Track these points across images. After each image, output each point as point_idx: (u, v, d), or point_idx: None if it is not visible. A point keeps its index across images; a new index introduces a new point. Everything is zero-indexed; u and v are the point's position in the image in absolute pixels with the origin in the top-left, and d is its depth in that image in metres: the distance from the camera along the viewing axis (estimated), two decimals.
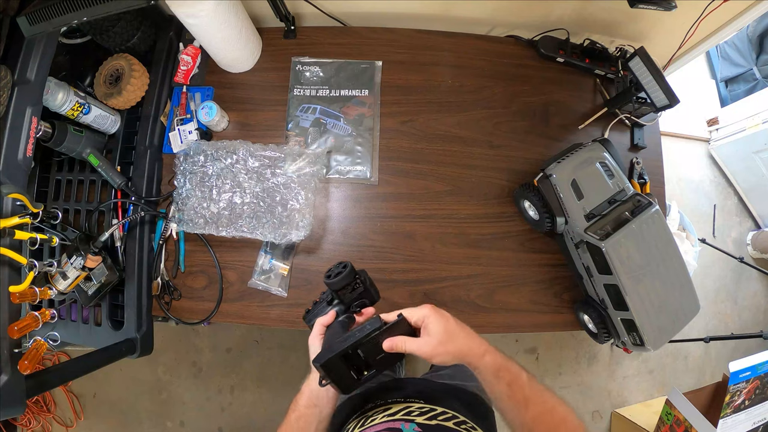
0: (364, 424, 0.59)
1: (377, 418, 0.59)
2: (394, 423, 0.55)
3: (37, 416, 1.76)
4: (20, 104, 0.71)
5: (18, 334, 0.67)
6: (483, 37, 1.09)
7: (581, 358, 1.84)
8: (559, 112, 1.05)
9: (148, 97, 0.98)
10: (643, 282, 0.81)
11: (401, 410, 0.60)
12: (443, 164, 1.00)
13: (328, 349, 0.50)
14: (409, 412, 0.59)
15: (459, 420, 0.58)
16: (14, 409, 0.64)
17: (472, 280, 0.96)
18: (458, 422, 0.57)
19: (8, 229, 0.67)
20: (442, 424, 0.55)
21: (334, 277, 0.58)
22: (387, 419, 0.58)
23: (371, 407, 0.66)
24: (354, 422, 0.63)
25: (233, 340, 1.80)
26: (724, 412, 1.24)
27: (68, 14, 0.65)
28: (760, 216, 2.06)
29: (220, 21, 0.87)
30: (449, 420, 0.57)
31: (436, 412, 0.59)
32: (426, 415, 0.58)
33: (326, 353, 0.49)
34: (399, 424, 0.55)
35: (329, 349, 0.50)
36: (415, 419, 0.56)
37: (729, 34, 1.07)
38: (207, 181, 0.92)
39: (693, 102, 2.07)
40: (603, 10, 1.05)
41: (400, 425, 0.54)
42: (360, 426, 0.59)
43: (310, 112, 1.01)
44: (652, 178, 1.04)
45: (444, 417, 0.58)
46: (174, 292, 0.95)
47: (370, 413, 0.63)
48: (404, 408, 0.61)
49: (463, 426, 0.56)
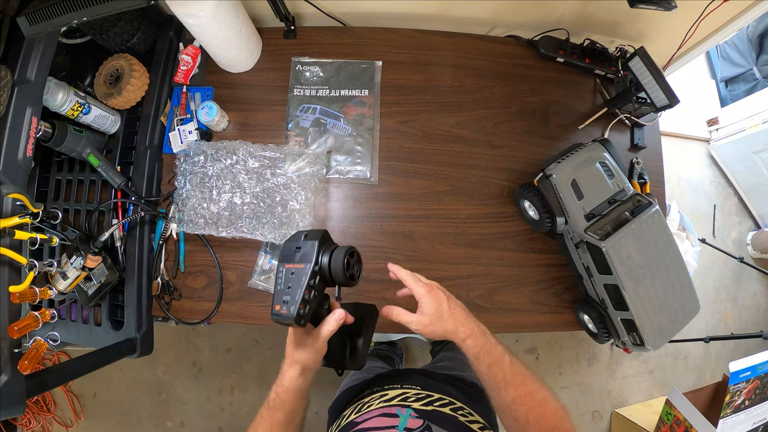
0: (360, 410, 0.59)
1: (374, 404, 0.60)
2: (390, 408, 0.55)
3: (37, 416, 1.76)
4: (20, 104, 0.71)
5: (18, 334, 0.67)
6: (483, 37, 1.09)
7: (581, 358, 1.84)
8: (559, 112, 1.05)
9: (148, 97, 0.98)
10: (643, 282, 0.81)
11: (398, 396, 0.60)
12: (443, 164, 1.00)
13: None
14: (405, 398, 0.59)
15: (456, 406, 0.58)
16: (14, 409, 0.64)
17: (472, 280, 0.96)
18: (455, 408, 0.57)
19: (8, 229, 0.67)
20: (438, 410, 0.55)
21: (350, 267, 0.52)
22: (383, 404, 0.58)
23: (368, 393, 0.66)
24: (351, 408, 0.63)
25: (233, 340, 1.80)
26: (724, 412, 1.24)
27: (68, 14, 0.65)
28: (760, 216, 2.06)
29: (220, 21, 0.87)
30: (446, 406, 0.57)
31: (432, 398, 0.59)
32: (422, 401, 0.58)
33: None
34: (395, 409, 0.55)
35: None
36: (411, 404, 0.56)
37: (729, 34, 1.07)
38: (207, 182, 0.92)
39: (693, 102, 2.07)
40: (603, 10, 1.05)
41: (396, 410, 0.54)
42: (357, 411, 0.60)
43: (310, 112, 1.01)
44: (652, 178, 1.04)
45: (440, 403, 0.58)
46: (174, 292, 0.95)
47: (366, 399, 0.63)
48: (401, 394, 0.61)
49: (460, 411, 0.56)
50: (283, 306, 0.46)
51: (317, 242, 0.50)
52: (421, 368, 0.92)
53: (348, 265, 0.50)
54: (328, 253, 0.50)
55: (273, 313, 0.47)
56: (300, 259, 0.49)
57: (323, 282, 0.51)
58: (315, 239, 0.50)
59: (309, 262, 0.49)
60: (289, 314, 0.46)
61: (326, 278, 0.51)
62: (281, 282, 0.48)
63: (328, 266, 0.50)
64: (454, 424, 0.53)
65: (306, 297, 0.47)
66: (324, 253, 0.50)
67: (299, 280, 0.48)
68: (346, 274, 0.50)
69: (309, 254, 0.49)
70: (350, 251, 0.51)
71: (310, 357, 0.51)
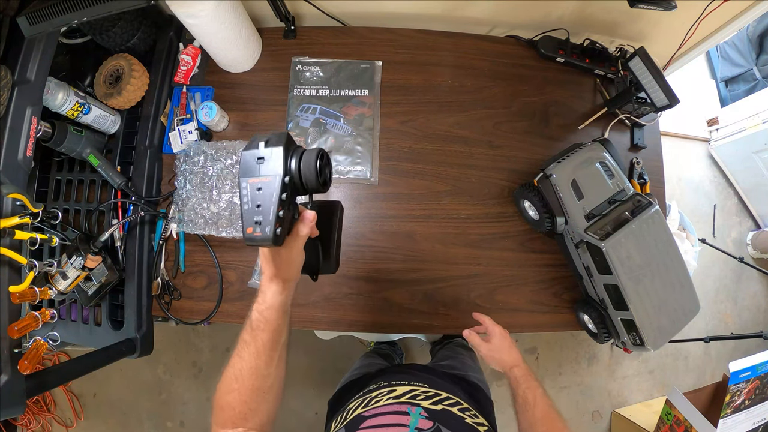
0: (368, 404, 0.59)
1: (382, 399, 0.59)
2: (400, 406, 0.55)
3: (37, 416, 1.76)
4: (20, 104, 0.71)
5: (18, 334, 0.67)
6: (483, 37, 1.09)
7: (581, 358, 1.84)
8: (559, 112, 1.05)
9: (148, 97, 0.98)
10: (643, 282, 0.81)
11: (406, 393, 0.60)
12: (443, 164, 1.00)
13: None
14: (414, 396, 0.59)
15: (463, 407, 0.58)
16: (14, 409, 0.64)
17: (472, 280, 0.96)
18: (462, 408, 0.57)
19: (8, 229, 0.67)
20: (447, 410, 0.55)
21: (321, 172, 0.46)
22: (393, 401, 0.57)
23: (374, 388, 0.66)
24: (356, 401, 0.62)
25: (233, 340, 1.76)
26: (724, 412, 1.24)
27: (68, 14, 0.65)
28: (760, 216, 2.06)
29: (220, 21, 0.87)
30: (454, 406, 0.57)
31: (440, 397, 0.59)
32: (431, 400, 0.58)
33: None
34: (405, 407, 0.54)
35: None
36: (420, 403, 0.56)
37: (729, 34, 1.07)
38: (207, 182, 0.92)
39: (693, 102, 2.07)
40: (603, 10, 1.05)
41: (406, 408, 0.54)
42: (364, 406, 0.59)
43: (310, 112, 1.01)
44: (652, 178, 1.04)
45: (449, 402, 0.58)
46: (174, 292, 0.95)
47: (373, 394, 0.62)
48: (410, 391, 0.60)
49: (467, 413, 0.56)
50: (257, 227, 0.42)
51: (282, 149, 0.43)
52: (424, 365, 0.92)
53: (320, 170, 0.45)
54: (296, 158, 0.45)
55: (246, 237, 0.42)
56: (265, 171, 0.43)
57: (294, 192, 0.46)
58: (278, 145, 0.44)
59: (277, 174, 0.43)
60: (266, 236, 0.41)
61: (296, 187, 0.45)
62: (248, 200, 0.43)
63: (298, 174, 0.44)
64: (463, 425, 0.53)
65: (280, 215, 0.42)
66: (291, 160, 0.44)
67: (269, 196, 0.42)
68: (319, 180, 0.45)
69: (275, 164, 0.43)
70: (320, 153, 0.46)
71: (289, 268, 0.49)
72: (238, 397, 0.49)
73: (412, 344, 1.76)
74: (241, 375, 0.49)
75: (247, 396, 0.49)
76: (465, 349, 1.19)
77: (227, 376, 0.50)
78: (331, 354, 1.73)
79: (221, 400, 0.49)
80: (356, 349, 1.75)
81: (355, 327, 0.96)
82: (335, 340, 1.68)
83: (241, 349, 0.51)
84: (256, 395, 0.49)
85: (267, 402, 0.50)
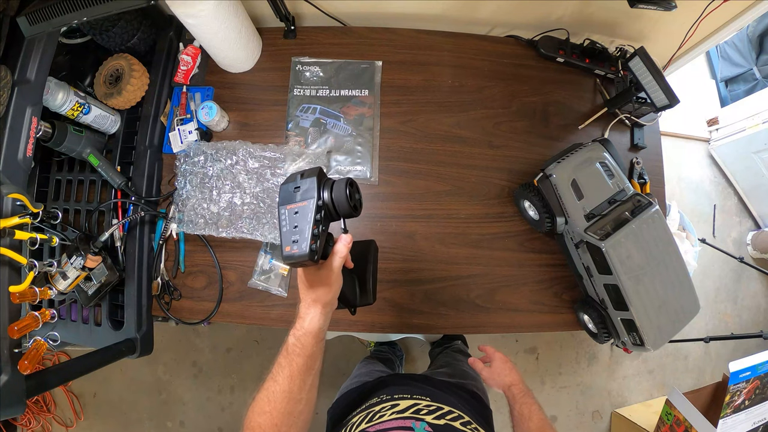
0: (372, 419, 0.59)
1: (386, 414, 0.59)
2: (404, 421, 0.55)
3: (37, 416, 1.76)
4: (20, 104, 0.71)
5: (18, 334, 0.67)
6: (483, 37, 1.09)
7: (581, 358, 1.84)
8: (559, 112, 1.05)
9: (148, 97, 0.98)
10: (643, 282, 0.81)
11: (409, 407, 0.60)
12: (443, 164, 1.00)
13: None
14: (417, 410, 0.59)
15: (465, 420, 0.58)
16: (14, 409, 0.64)
17: (472, 280, 0.96)
18: (464, 422, 0.57)
19: (8, 229, 0.67)
20: (450, 425, 0.56)
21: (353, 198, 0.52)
22: (396, 416, 0.57)
23: (377, 402, 0.66)
24: (360, 416, 0.62)
25: (233, 340, 1.80)
26: (724, 412, 1.24)
27: (68, 14, 0.65)
28: (760, 216, 2.06)
29: (220, 21, 0.87)
30: (456, 420, 0.57)
31: (443, 411, 0.59)
32: (434, 414, 0.58)
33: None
34: (410, 422, 0.54)
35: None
36: (424, 418, 0.56)
37: (729, 34, 1.07)
38: (207, 182, 0.92)
39: (693, 102, 2.06)
40: (603, 10, 1.05)
41: (411, 423, 0.54)
42: (368, 421, 0.59)
43: (310, 112, 1.01)
44: (652, 178, 1.04)
45: (451, 416, 0.58)
46: (174, 292, 0.95)
47: (376, 408, 0.63)
48: (412, 405, 0.61)
49: (469, 426, 0.57)
50: (294, 246, 0.46)
51: (316, 178, 0.50)
52: (423, 374, 0.92)
53: (350, 195, 0.50)
54: (329, 186, 0.50)
55: (285, 255, 0.47)
56: (302, 197, 0.49)
57: (328, 217, 0.51)
58: (313, 176, 0.50)
59: (312, 198, 0.49)
60: (302, 252, 0.46)
61: (330, 212, 0.50)
62: (286, 224, 0.48)
63: (330, 198, 0.50)
64: None
65: (315, 232, 0.47)
66: (324, 188, 0.50)
67: (305, 217, 0.48)
68: (350, 203, 0.50)
69: (310, 190, 0.49)
70: (350, 181, 0.51)
71: (327, 292, 0.52)
72: (270, 419, 0.50)
73: (412, 345, 1.77)
74: (274, 398, 0.51)
75: (279, 419, 0.50)
76: (463, 354, 1.20)
77: (260, 398, 0.52)
78: (331, 354, 1.73)
79: (252, 421, 0.51)
80: (356, 349, 1.75)
81: (355, 327, 0.96)
82: (335, 340, 1.68)
83: (276, 372, 0.53)
84: (287, 419, 0.51)
85: (296, 427, 0.52)
